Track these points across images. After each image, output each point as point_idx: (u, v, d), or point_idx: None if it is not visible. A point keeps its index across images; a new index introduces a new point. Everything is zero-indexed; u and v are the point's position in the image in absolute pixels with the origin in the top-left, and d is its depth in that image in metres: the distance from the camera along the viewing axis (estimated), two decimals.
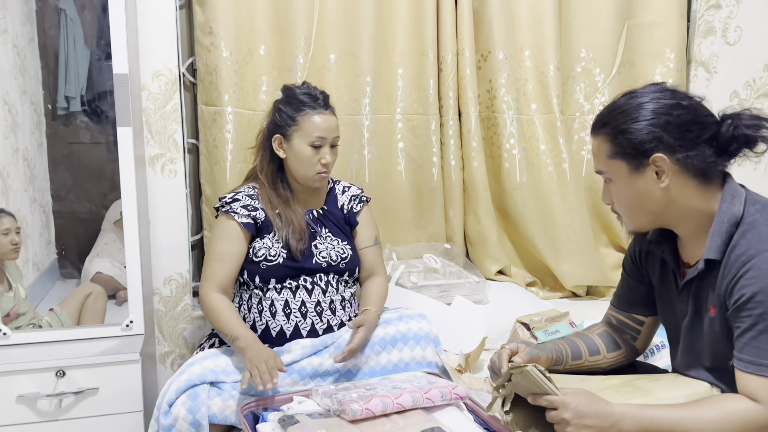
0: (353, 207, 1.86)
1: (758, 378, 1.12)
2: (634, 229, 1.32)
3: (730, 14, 2.51)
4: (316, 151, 1.72)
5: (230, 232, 1.71)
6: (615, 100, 1.27)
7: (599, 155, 1.27)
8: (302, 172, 1.74)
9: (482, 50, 2.30)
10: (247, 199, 1.75)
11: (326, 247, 1.76)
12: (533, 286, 2.49)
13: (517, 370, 1.20)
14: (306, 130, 1.71)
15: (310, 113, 1.71)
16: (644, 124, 1.19)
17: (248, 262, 1.71)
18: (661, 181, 1.21)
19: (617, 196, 1.28)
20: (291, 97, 1.74)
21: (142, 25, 1.99)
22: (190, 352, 2.22)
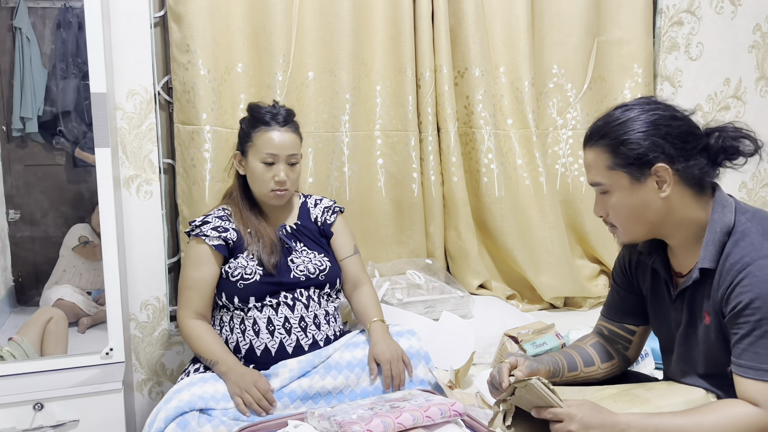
0: (327, 218, 1.85)
1: (758, 383, 1.14)
2: (630, 240, 1.33)
3: (692, 31, 2.60)
4: (268, 168, 1.70)
5: (202, 256, 1.68)
6: (609, 113, 1.28)
7: (597, 167, 1.27)
8: (258, 190, 1.73)
9: (459, 67, 2.32)
10: (217, 220, 1.72)
11: (303, 260, 1.74)
12: (513, 299, 2.51)
13: (521, 384, 1.20)
14: (258, 147, 1.70)
15: (264, 129, 1.70)
16: (646, 134, 1.21)
17: (225, 283, 1.68)
18: (662, 191, 1.23)
19: (616, 208, 1.28)
20: (250, 114, 1.75)
21: (117, 43, 1.95)
22: (168, 379, 2.16)
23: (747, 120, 2.74)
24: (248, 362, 1.67)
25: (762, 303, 1.13)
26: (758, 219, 1.22)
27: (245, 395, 1.54)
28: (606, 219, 1.33)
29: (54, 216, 2.01)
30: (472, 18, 2.25)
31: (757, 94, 2.76)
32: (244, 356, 1.67)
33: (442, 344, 1.91)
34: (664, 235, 1.31)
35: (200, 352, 1.66)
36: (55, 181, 2.01)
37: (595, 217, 2.56)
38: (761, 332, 1.13)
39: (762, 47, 2.73)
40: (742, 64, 2.71)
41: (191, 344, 1.68)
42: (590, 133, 1.29)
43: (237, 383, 1.56)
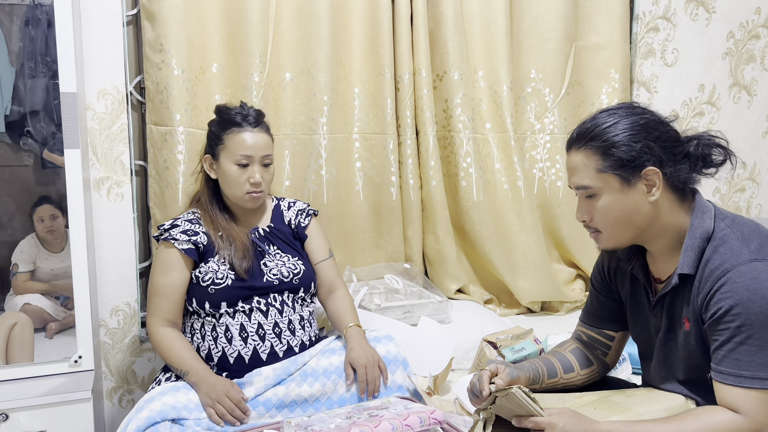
0: (300, 221, 1.82)
1: (738, 389, 1.14)
2: (613, 246, 1.31)
3: (668, 37, 2.63)
4: (243, 170, 1.67)
5: (171, 261, 1.64)
6: (595, 116, 1.26)
7: (586, 169, 1.24)
8: (232, 193, 1.70)
9: (438, 70, 2.31)
10: (187, 224, 1.68)
11: (276, 264, 1.71)
12: (490, 304, 2.50)
13: (501, 393, 1.19)
14: (231, 149, 1.67)
15: (235, 131, 1.67)
16: (637, 137, 1.20)
17: (195, 288, 1.64)
18: (651, 194, 1.22)
19: (604, 211, 1.25)
20: (220, 116, 1.72)
21: (87, 42, 1.90)
22: (139, 386, 2.10)
23: (720, 126, 2.78)
24: (221, 370, 1.63)
25: (742, 309, 1.13)
26: (737, 225, 1.23)
27: (217, 406, 1.50)
28: (589, 224, 1.30)
29: (21, 219, 1.94)
30: (451, 21, 2.24)
31: (730, 100, 2.80)
32: (216, 364, 1.63)
33: (420, 350, 1.89)
34: (646, 241, 1.30)
35: (170, 362, 1.61)
36: (23, 183, 1.94)
37: (572, 221, 2.61)
38: (741, 339, 1.13)
39: (735, 54, 2.77)
40: (716, 70, 2.75)
41: (161, 353, 1.63)
42: (577, 135, 1.27)
43: (208, 394, 1.52)
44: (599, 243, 1.31)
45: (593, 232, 1.31)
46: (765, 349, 1.12)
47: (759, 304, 1.11)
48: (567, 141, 1.31)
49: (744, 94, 2.83)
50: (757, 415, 1.12)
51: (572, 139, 1.28)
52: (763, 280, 1.12)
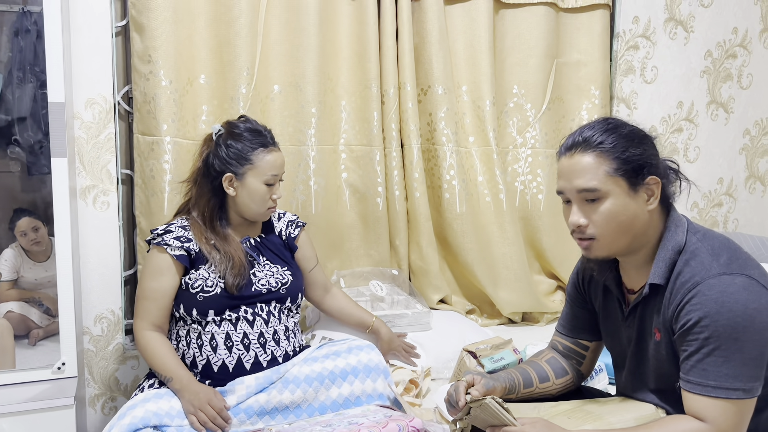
0: (291, 232, 1.87)
1: (704, 398, 1.18)
2: (606, 254, 1.29)
3: (647, 55, 2.69)
4: (269, 188, 1.72)
5: (162, 266, 1.66)
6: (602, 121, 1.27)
7: (595, 171, 1.23)
8: (254, 209, 1.72)
9: (422, 84, 2.36)
10: (180, 230, 1.70)
11: (265, 274, 1.73)
12: (472, 314, 2.53)
13: (476, 404, 1.21)
14: (261, 169, 1.69)
15: (264, 152, 1.70)
16: (641, 147, 1.24)
17: (183, 295, 1.66)
18: (649, 203, 1.25)
19: (608, 215, 1.23)
20: (239, 135, 1.70)
21: (76, 51, 1.92)
22: (122, 394, 2.11)
23: (698, 142, 2.85)
24: (204, 378, 1.64)
25: (710, 321, 1.16)
26: (708, 239, 1.27)
27: (199, 413, 1.52)
28: (584, 228, 1.26)
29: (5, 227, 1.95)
30: (436, 37, 2.29)
31: (708, 117, 2.87)
32: (200, 372, 1.65)
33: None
34: (632, 250, 1.30)
35: (155, 367, 1.63)
36: (9, 190, 1.96)
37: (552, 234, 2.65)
38: (709, 350, 1.17)
39: (713, 72, 2.84)
40: (694, 88, 2.82)
41: (146, 357, 1.65)
42: (582, 139, 1.25)
43: (191, 401, 1.54)
44: (590, 251, 1.28)
45: (587, 239, 1.27)
46: (731, 360, 1.16)
47: (726, 317, 1.15)
48: (567, 144, 1.28)
49: (721, 111, 2.90)
50: (721, 424, 1.16)
51: (576, 143, 1.26)
52: (731, 293, 1.16)
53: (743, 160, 3.00)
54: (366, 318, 1.97)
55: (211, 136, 1.74)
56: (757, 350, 1.16)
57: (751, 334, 1.15)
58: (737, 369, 1.16)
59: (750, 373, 1.16)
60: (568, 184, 1.27)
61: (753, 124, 2.99)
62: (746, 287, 1.17)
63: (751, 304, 1.16)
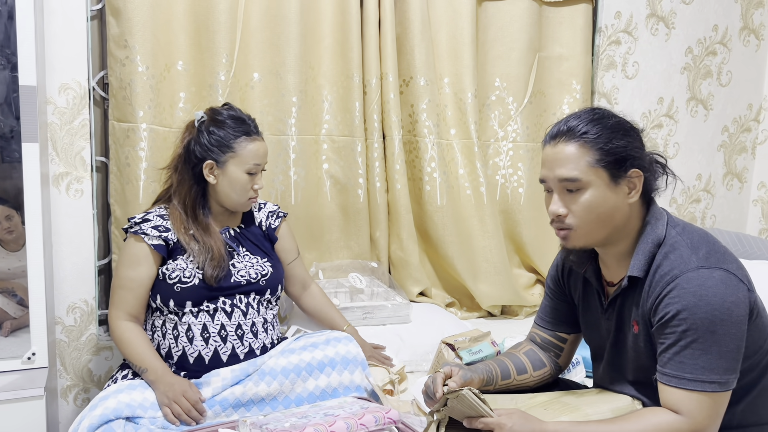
0: (271, 223, 1.84)
1: (680, 391, 1.18)
2: (583, 244, 1.29)
3: (629, 50, 2.70)
4: (251, 178, 1.69)
5: (139, 255, 1.63)
6: (579, 115, 1.26)
7: (577, 161, 1.22)
8: (235, 198, 1.69)
9: (404, 75, 2.34)
10: (159, 219, 1.67)
11: (245, 265, 1.71)
12: (452, 307, 2.53)
13: (452, 395, 1.21)
14: (243, 157, 1.67)
15: (246, 140, 1.68)
16: (631, 138, 1.24)
17: (161, 285, 1.63)
18: (630, 196, 1.25)
19: (588, 206, 1.23)
20: (222, 122, 1.68)
21: (50, 35, 1.87)
22: (95, 385, 2.07)
23: (677, 138, 2.87)
24: (180, 369, 1.62)
25: (688, 314, 1.17)
26: (688, 233, 1.27)
27: (174, 406, 1.49)
28: (564, 219, 1.26)
29: None
30: (418, 28, 2.27)
31: (687, 113, 2.89)
32: (175, 363, 1.62)
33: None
34: (609, 243, 1.30)
35: (129, 358, 1.60)
36: None
37: (532, 227, 2.65)
38: (686, 342, 1.17)
39: (693, 69, 2.86)
40: (675, 84, 2.83)
41: (121, 348, 1.62)
42: (567, 129, 1.25)
43: (166, 393, 1.52)
44: (568, 241, 1.28)
45: (565, 229, 1.27)
46: (708, 353, 1.16)
47: (704, 310, 1.16)
48: (552, 132, 1.27)
49: (701, 108, 2.92)
50: (696, 416, 1.17)
51: (560, 132, 1.25)
52: (709, 287, 1.17)
53: (721, 157, 3.03)
54: (339, 323, 1.92)
55: (193, 123, 1.71)
56: (734, 343, 1.17)
57: (728, 327, 1.16)
58: (714, 362, 1.16)
59: (726, 365, 1.17)
60: (550, 173, 1.26)
61: (731, 122, 3.02)
62: (724, 281, 1.17)
63: (728, 298, 1.16)
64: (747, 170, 3.12)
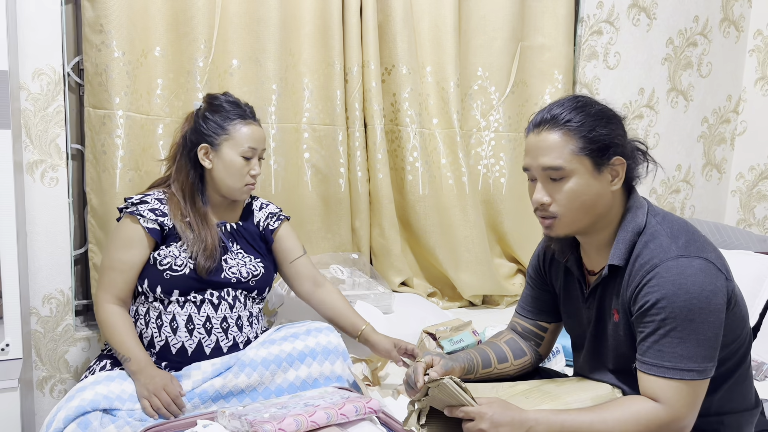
0: (270, 224, 1.81)
1: (659, 379, 1.19)
2: (567, 233, 1.29)
3: (610, 41, 2.71)
4: (247, 163, 1.66)
5: (133, 236, 1.60)
6: (572, 98, 1.26)
7: (561, 150, 1.22)
8: (230, 183, 1.67)
9: (386, 64, 2.32)
10: (156, 202, 1.64)
11: (237, 263, 1.69)
12: (433, 297, 2.53)
13: (434, 384, 1.20)
14: (238, 140, 1.65)
15: (241, 123, 1.66)
16: (615, 126, 1.25)
17: (150, 270, 1.60)
18: (613, 184, 1.26)
19: (572, 194, 1.24)
20: (218, 106, 1.67)
21: (22, 19, 1.82)
22: (72, 376, 2.04)
23: (658, 129, 2.89)
24: (161, 359, 1.60)
25: (667, 303, 1.17)
26: (668, 222, 1.28)
27: (153, 398, 1.47)
28: (547, 207, 1.26)
29: None
30: (400, 15, 2.25)
31: (668, 104, 2.91)
32: (157, 353, 1.60)
33: None
34: (592, 231, 1.31)
35: (113, 344, 1.57)
36: None
37: (514, 217, 2.66)
38: (665, 331, 1.18)
39: (674, 60, 2.87)
40: (656, 75, 2.85)
41: (105, 332, 1.59)
42: (550, 117, 1.24)
43: (146, 385, 1.49)
44: (551, 229, 1.29)
45: (549, 218, 1.28)
46: (686, 342, 1.17)
47: (683, 299, 1.16)
48: (535, 120, 1.27)
49: (681, 99, 2.94)
50: (675, 404, 1.18)
51: (544, 120, 1.25)
52: (689, 275, 1.17)
53: (701, 148, 3.06)
54: (358, 323, 1.80)
55: (192, 114, 1.71)
56: (712, 332, 1.18)
57: (707, 315, 1.17)
58: (692, 350, 1.17)
59: (704, 354, 1.17)
60: (533, 162, 1.26)
61: (711, 113, 3.04)
62: (703, 270, 1.18)
63: (707, 287, 1.17)
64: (726, 161, 3.15)
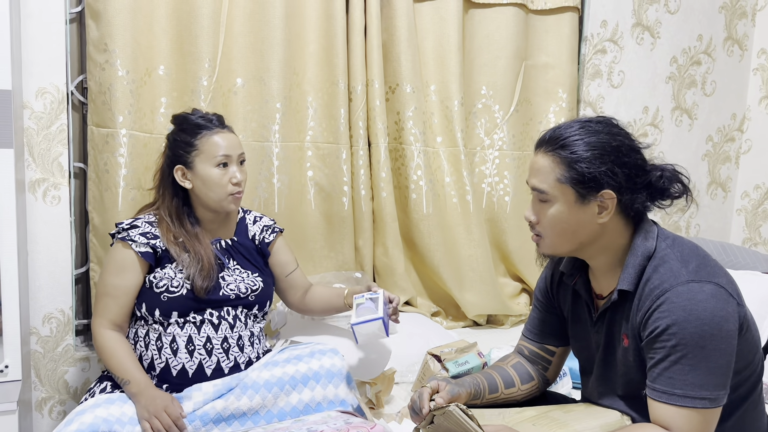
0: (265, 237, 1.79)
1: (670, 407, 1.16)
2: (552, 253, 1.31)
3: (614, 59, 2.70)
4: (224, 171, 1.63)
5: (126, 262, 1.58)
6: (571, 124, 1.24)
7: (547, 175, 1.23)
8: (214, 197, 1.64)
9: (390, 82, 2.32)
10: (147, 226, 1.63)
11: (235, 279, 1.67)
12: (437, 316, 2.51)
13: (439, 412, 1.18)
14: (208, 152, 1.62)
15: (207, 134, 1.63)
16: (606, 158, 1.20)
17: (147, 293, 1.59)
18: (601, 216, 1.23)
19: (552, 219, 1.25)
20: (186, 123, 1.66)
21: (27, 37, 1.83)
22: (71, 397, 2.02)
23: (662, 148, 2.87)
24: (162, 382, 1.57)
25: (678, 329, 1.15)
26: (678, 246, 1.26)
27: (154, 420, 1.45)
28: (534, 225, 1.29)
29: None
30: (404, 35, 2.25)
31: (672, 123, 2.90)
32: (158, 375, 1.58)
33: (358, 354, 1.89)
34: (587, 256, 1.31)
35: (111, 368, 1.56)
36: None
37: (518, 236, 2.63)
38: (676, 357, 1.16)
39: (678, 79, 2.87)
40: (660, 94, 2.84)
41: (103, 357, 1.57)
42: (549, 137, 1.25)
43: (147, 407, 1.47)
44: (539, 247, 1.32)
45: (536, 235, 1.31)
46: (697, 369, 1.15)
47: (694, 325, 1.14)
48: (538, 139, 1.28)
49: (685, 117, 2.93)
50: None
51: (543, 140, 1.26)
52: (699, 301, 1.15)
53: (705, 166, 3.04)
54: (340, 292, 1.88)
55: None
56: (724, 359, 1.15)
57: (718, 342, 1.14)
58: (703, 377, 1.15)
59: (716, 381, 1.15)
60: (529, 180, 1.29)
61: (716, 131, 3.03)
62: (714, 295, 1.16)
63: (718, 312, 1.15)
64: (731, 179, 3.13)
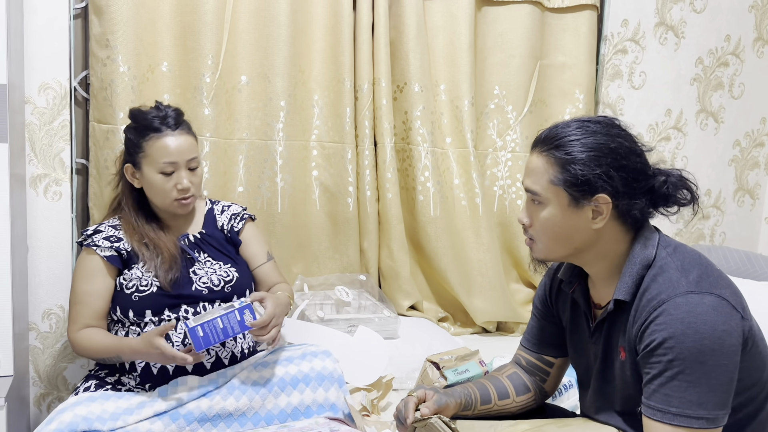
0: (234, 226, 1.75)
1: (665, 426, 1.09)
2: (545, 258, 1.26)
3: (636, 60, 2.60)
4: (168, 178, 1.58)
5: (92, 268, 1.58)
6: (568, 123, 1.19)
7: (540, 176, 1.18)
8: (158, 202, 1.62)
9: (398, 81, 2.26)
10: (111, 229, 1.62)
11: (206, 272, 1.63)
12: (445, 321, 2.44)
13: (420, 424, 1.14)
14: (153, 157, 1.57)
15: (154, 137, 1.57)
16: (602, 161, 1.13)
17: (119, 296, 1.57)
18: (595, 222, 1.17)
19: (545, 223, 1.20)
20: (135, 121, 1.61)
21: (30, 32, 1.83)
22: (70, 393, 2.00)
23: (686, 152, 2.76)
24: (143, 382, 1.56)
25: (675, 343, 1.08)
26: (679, 254, 1.18)
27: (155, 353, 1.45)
28: (527, 228, 1.24)
29: None
30: (413, 32, 2.20)
31: (697, 126, 2.78)
32: (139, 375, 1.55)
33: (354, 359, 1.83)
34: (584, 263, 1.25)
35: (100, 355, 1.56)
36: None
37: None
38: (672, 373, 1.08)
39: (703, 80, 2.75)
40: (684, 96, 2.73)
41: (87, 352, 1.57)
42: (544, 138, 1.19)
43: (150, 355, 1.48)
44: (532, 251, 1.26)
45: (529, 239, 1.25)
46: (695, 386, 1.07)
47: (693, 339, 1.07)
48: (537, 137, 1.22)
49: (711, 120, 2.81)
50: None
51: (539, 140, 1.20)
52: (699, 313, 1.08)
53: (732, 172, 2.92)
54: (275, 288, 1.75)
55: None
56: (726, 376, 1.08)
57: (719, 358, 1.07)
58: (702, 396, 1.07)
59: (716, 400, 1.07)
60: (523, 180, 1.24)
61: (744, 135, 2.90)
62: (715, 307, 1.08)
63: (720, 326, 1.07)
64: (759, 186, 2.99)
